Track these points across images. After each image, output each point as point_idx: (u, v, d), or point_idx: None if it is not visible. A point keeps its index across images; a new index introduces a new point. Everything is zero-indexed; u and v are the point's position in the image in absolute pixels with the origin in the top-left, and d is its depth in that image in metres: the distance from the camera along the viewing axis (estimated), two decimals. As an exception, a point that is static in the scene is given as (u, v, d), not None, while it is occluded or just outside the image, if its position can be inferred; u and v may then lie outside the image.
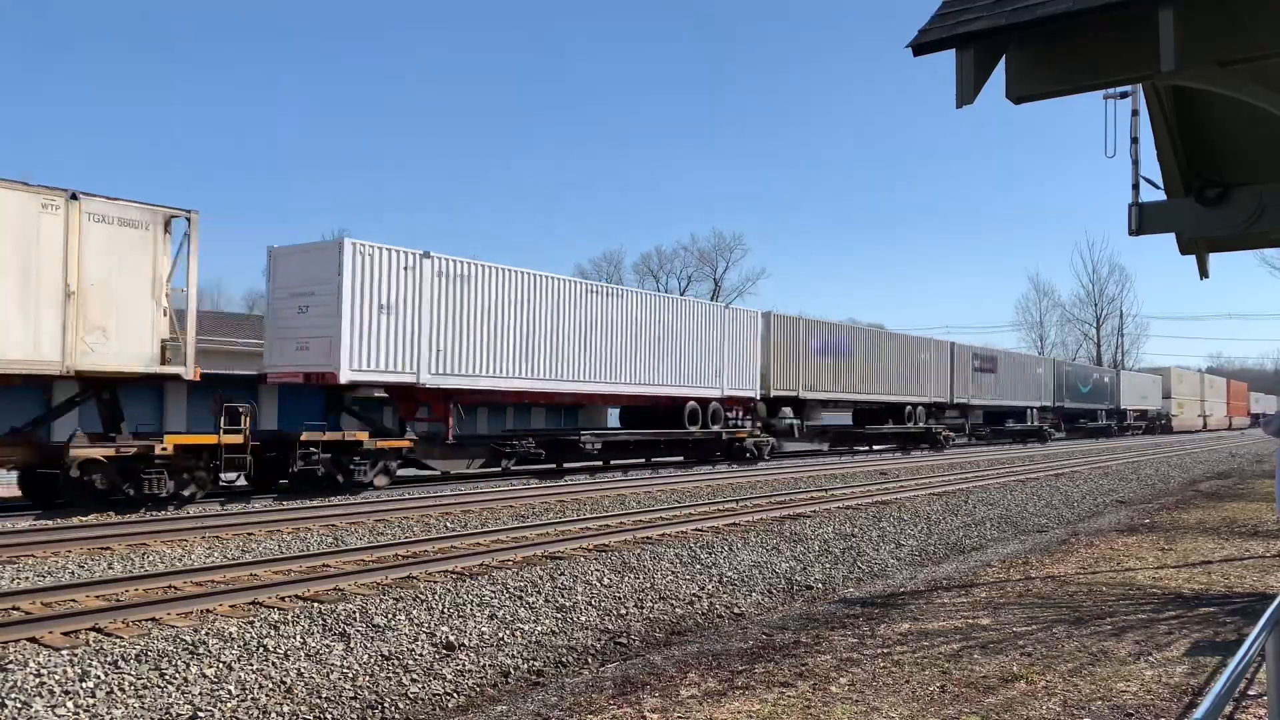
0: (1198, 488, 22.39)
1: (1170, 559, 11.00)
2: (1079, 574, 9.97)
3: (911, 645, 6.87)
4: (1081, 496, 19.89)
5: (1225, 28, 3.55)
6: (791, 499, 17.24)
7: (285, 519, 13.49)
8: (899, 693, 5.65)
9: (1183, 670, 6.08)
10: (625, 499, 17.19)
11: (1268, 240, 7.98)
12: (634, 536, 12.20)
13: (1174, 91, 5.78)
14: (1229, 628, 7.30)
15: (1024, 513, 16.85)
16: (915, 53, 3.75)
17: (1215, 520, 15.03)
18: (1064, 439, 52.63)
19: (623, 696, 5.85)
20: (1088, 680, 5.86)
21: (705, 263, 76.55)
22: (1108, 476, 24.72)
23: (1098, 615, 7.82)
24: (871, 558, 11.92)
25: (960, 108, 3.74)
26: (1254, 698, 5.24)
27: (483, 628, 7.77)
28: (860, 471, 24.70)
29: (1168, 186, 6.73)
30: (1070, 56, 3.80)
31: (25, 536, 11.33)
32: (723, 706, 5.51)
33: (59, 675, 5.99)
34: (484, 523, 13.76)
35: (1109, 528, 14.49)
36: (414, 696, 6.36)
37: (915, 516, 15.35)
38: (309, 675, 6.44)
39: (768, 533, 12.89)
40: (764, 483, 21.12)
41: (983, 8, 3.70)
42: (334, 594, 8.47)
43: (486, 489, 18.54)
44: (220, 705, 5.85)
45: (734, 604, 9.34)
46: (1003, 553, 12.14)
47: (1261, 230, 6.39)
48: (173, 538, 11.72)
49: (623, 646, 7.79)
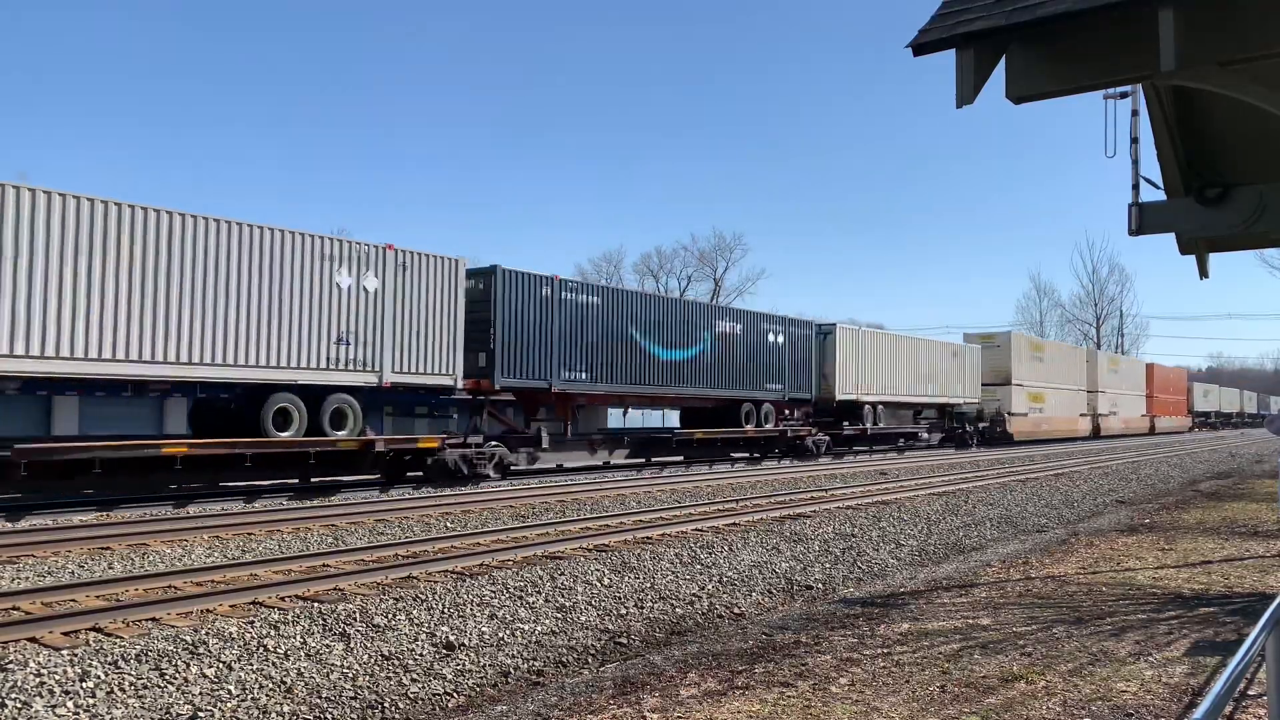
0: (1198, 488, 22.39)
1: (1170, 559, 11.00)
2: (1079, 574, 9.97)
3: (911, 645, 6.87)
4: (1081, 496, 19.89)
5: (1225, 28, 3.55)
6: (791, 499, 17.24)
7: (285, 519, 13.49)
8: (899, 693, 5.65)
9: (1183, 670, 6.08)
10: (625, 499, 17.20)
11: (1268, 240, 7.99)
12: (634, 536, 12.20)
13: (1174, 91, 5.78)
14: (1229, 628, 7.30)
15: (1024, 513, 16.85)
16: (915, 53, 3.75)
17: (1215, 520, 15.03)
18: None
19: (623, 696, 5.85)
20: (1088, 680, 5.86)
21: (705, 263, 76.63)
22: (1108, 476, 24.72)
23: (1098, 615, 7.82)
24: (871, 557, 11.92)
25: (960, 108, 3.75)
26: (1254, 698, 5.24)
27: (483, 627, 7.77)
28: (860, 471, 24.71)
29: (1168, 186, 6.74)
30: (1070, 56, 3.80)
31: (25, 536, 11.33)
32: (723, 706, 5.51)
33: (59, 675, 5.99)
34: (484, 523, 13.76)
35: (1109, 528, 14.49)
36: (414, 696, 6.36)
37: (915, 516, 15.35)
38: (309, 675, 6.44)
39: (768, 532, 12.89)
40: (764, 483, 21.13)
41: (983, 8, 3.70)
42: (334, 594, 8.47)
43: (489, 489, 18.56)
44: (220, 705, 5.85)
45: (734, 604, 9.34)
46: (1003, 553, 12.14)
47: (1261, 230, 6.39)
48: (173, 537, 11.72)
49: (623, 646, 7.79)
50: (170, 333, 14.99)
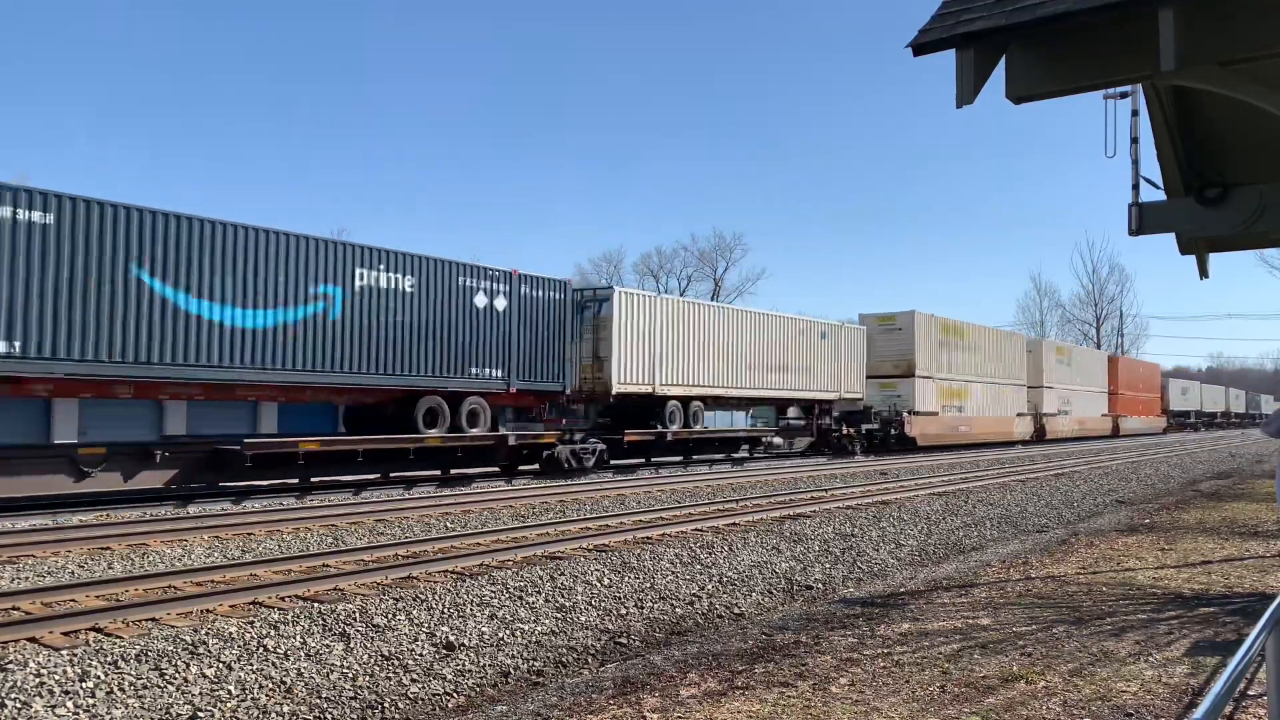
0: (1198, 488, 22.38)
1: (1170, 559, 11.00)
2: (1079, 574, 9.97)
3: (911, 645, 6.87)
4: (1081, 496, 19.89)
5: (1225, 28, 3.55)
6: (791, 499, 17.23)
7: (285, 519, 13.48)
8: (899, 693, 5.65)
9: (1183, 670, 6.07)
10: (625, 499, 17.20)
11: (1268, 240, 7.99)
12: (634, 536, 12.19)
13: (1174, 91, 5.78)
14: (1229, 628, 7.30)
15: (1024, 513, 16.85)
16: (915, 53, 3.75)
17: (1215, 520, 15.02)
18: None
19: (623, 696, 5.85)
20: (1088, 680, 5.86)
21: (705, 263, 76.63)
22: (1108, 476, 24.72)
23: (1098, 615, 7.82)
24: (871, 557, 11.92)
25: (960, 108, 3.75)
26: (1254, 698, 5.24)
27: (483, 628, 7.77)
28: (860, 471, 24.72)
29: (1168, 186, 6.74)
30: (1070, 56, 3.80)
31: (25, 536, 11.33)
32: (723, 706, 5.50)
33: (59, 675, 5.99)
34: (484, 523, 13.75)
35: (1109, 528, 14.49)
36: (414, 696, 6.35)
37: (915, 516, 15.35)
38: (309, 675, 6.44)
39: (768, 533, 12.89)
40: (764, 483, 21.13)
41: (983, 8, 3.70)
42: (334, 594, 8.47)
43: (488, 489, 18.55)
44: (220, 705, 5.84)
45: (734, 604, 9.33)
46: (1002, 552, 12.13)
47: (1261, 230, 6.40)
48: (173, 537, 11.72)
49: (623, 646, 7.79)
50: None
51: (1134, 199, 6.66)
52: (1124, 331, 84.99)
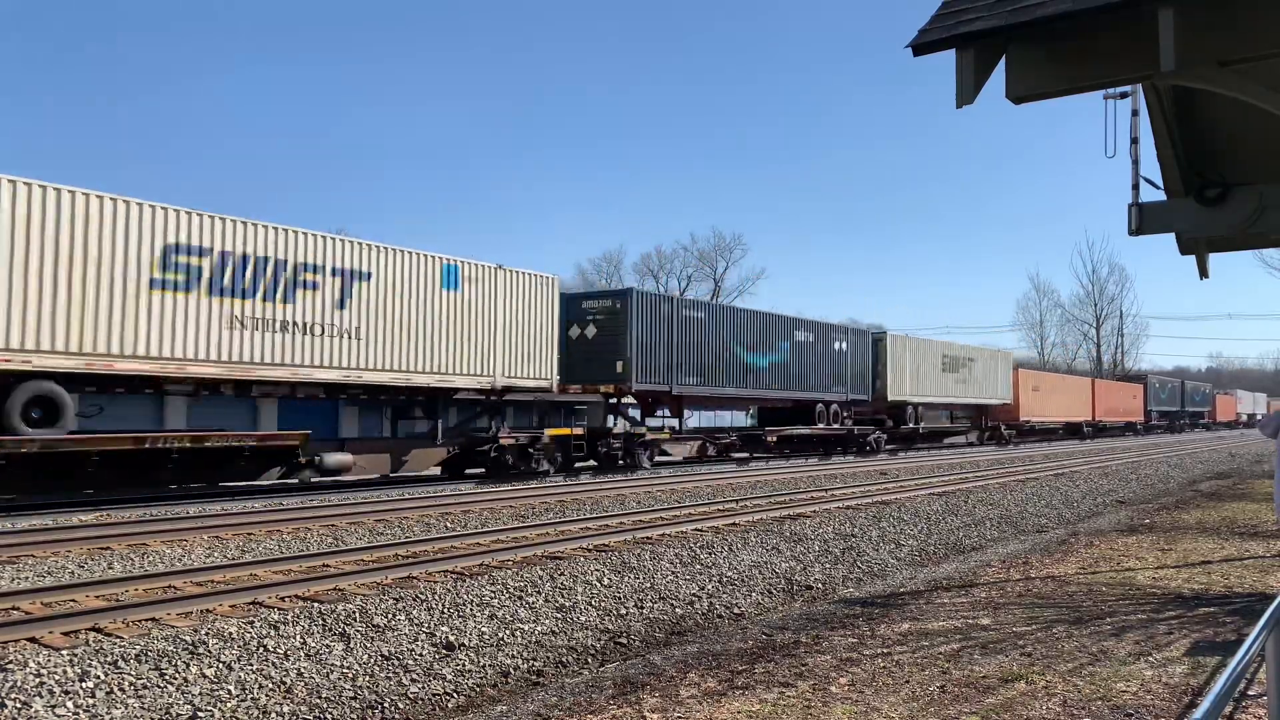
0: (1197, 488, 22.38)
1: (1170, 559, 10.99)
2: (1079, 574, 9.97)
3: (911, 645, 6.87)
4: (1081, 496, 19.88)
5: (1225, 28, 3.55)
6: (791, 499, 17.23)
7: (285, 519, 13.49)
8: (899, 693, 5.65)
9: (1183, 670, 6.07)
10: (625, 499, 17.20)
11: (1268, 240, 8.00)
12: (634, 536, 12.19)
13: (1174, 91, 5.77)
14: (1229, 628, 7.30)
15: (1024, 513, 16.85)
16: (915, 53, 3.75)
17: (1215, 520, 15.02)
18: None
19: (623, 696, 5.85)
20: (1088, 680, 5.86)
21: (705, 263, 76.77)
22: (1108, 477, 24.71)
23: (1098, 615, 7.81)
24: (871, 558, 11.92)
25: (960, 108, 3.75)
26: (1254, 698, 5.24)
27: (482, 628, 7.77)
28: (860, 471, 24.71)
29: (1168, 186, 6.74)
30: (1070, 56, 3.80)
31: (25, 536, 11.33)
32: (723, 706, 5.50)
33: (59, 675, 5.99)
34: (484, 523, 13.76)
35: (1109, 528, 14.49)
36: (414, 696, 6.35)
37: (915, 516, 15.34)
38: (309, 675, 6.44)
39: (768, 533, 12.89)
40: (764, 483, 21.13)
41: (983, 8, 3.70)
42: (334, 594, 8.47)
43: (483, 491, 18.55)
44: (220, 705, 5.84)
45: (734, 604, 9.33)
46: (1003, 552, 12.13)
47: (1261, 230, 6.40)
48: (173, 537, 11.72)
49: (623, 646, 7.79)
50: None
51: (1134, 199, 6.66)
52: (1124, 331, 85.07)
